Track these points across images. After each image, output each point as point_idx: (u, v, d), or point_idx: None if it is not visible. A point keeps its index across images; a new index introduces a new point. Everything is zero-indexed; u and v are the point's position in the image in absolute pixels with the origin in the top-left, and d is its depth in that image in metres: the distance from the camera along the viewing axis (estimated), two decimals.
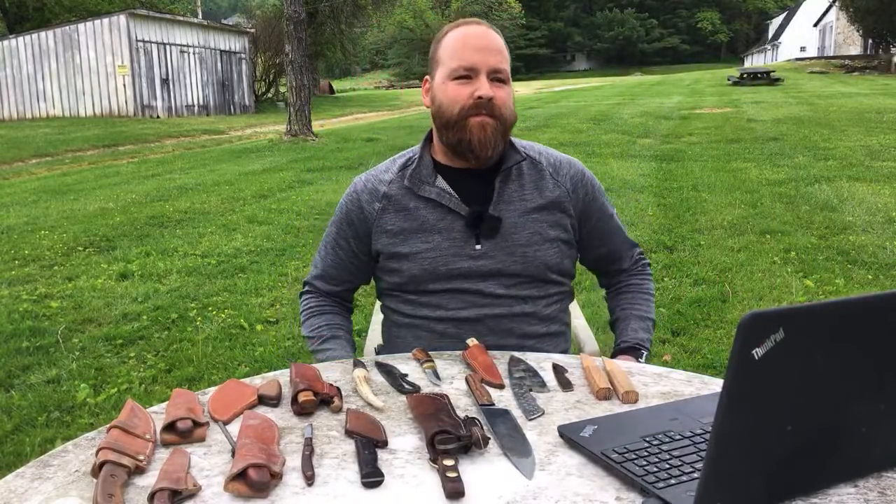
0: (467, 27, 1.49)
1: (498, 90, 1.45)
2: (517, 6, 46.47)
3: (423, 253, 1.50)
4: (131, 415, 1.07)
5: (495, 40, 1.48)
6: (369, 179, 1.58)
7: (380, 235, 1.54)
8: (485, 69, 1.44)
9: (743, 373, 0.75)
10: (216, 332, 3.81)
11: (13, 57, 20.53)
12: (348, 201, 1.59)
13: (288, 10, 13.41)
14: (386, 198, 1.54)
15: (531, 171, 1.55)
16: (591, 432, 1.03)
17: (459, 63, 1.45)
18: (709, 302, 3.99)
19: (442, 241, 1.50)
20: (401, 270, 1.53)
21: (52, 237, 6.08)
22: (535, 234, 1.51)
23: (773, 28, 56.54)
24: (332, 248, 1.63)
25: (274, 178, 9.15)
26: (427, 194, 1.51)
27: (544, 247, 1.52)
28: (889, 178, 7.38)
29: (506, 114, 1.46)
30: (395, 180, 1.55)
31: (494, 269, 1.50)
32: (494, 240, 1.49)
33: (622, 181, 7.71)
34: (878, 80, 22.36)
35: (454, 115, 1.45)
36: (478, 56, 1.45)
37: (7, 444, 2.72)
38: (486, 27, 1.50)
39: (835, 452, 0.88)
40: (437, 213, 1.51)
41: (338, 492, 0.93)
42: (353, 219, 1.57)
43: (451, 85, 1.46)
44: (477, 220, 1.49)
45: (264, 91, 27.34)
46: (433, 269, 1.50)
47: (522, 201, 1.52)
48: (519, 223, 1.51)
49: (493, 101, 1.44)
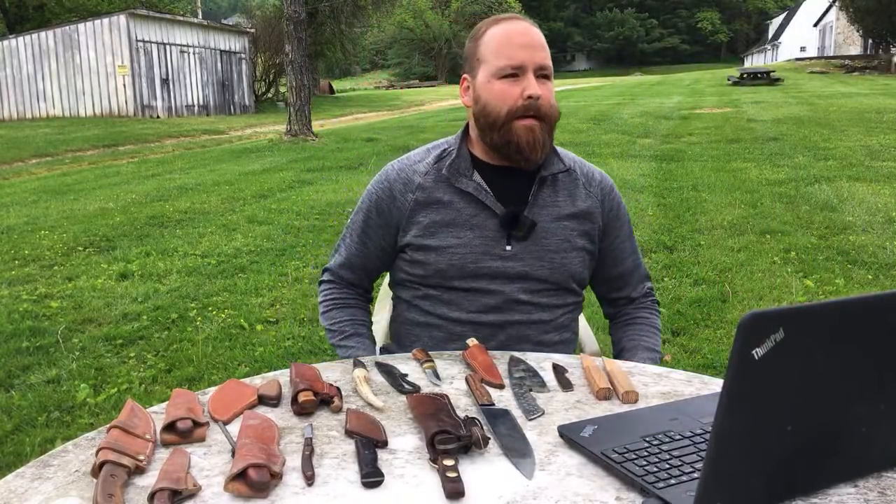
0: (509, 23, 1.46)
1: (543, 88, 1.43)
2: (517, 6, 46.45)
3: (454, 248, 1.48)
4: (131, 415, 1.07)
5: (539, 36, 1.46)
6: (403, 169, 1.54)
7: (411, 227, 1.51)
8: (532, 66, 1.42)
9: (743, 373, 0.75)
10: (216, 332, 3.81)
11: (13, 57, 20.53)
12: (379, 189, 1.55)
13: (288, 10, 13.41)
14: (420, 189, 1.51)
15: (565, 178, 1.54)
16: (591, 432, 1.03)
17: (507, 62, 1.42)
18: (709, 302, 3.99)
19: (474, 237, 1.48)
20: (427, 263, 1.50)
21: (52, 237, 6.08)
22: (565, 240, 1.51)
23: (773, 28, 56.54)
24: (358, 238, 1.59)
25: (274, 178, 9.15)
26: (464, 187, 1.48)
27: (571, 255, 1.51)
28: (889, 178, 7.38)
29: (551, 112, 1.45)
30: (430, 171, 1.52)
31: (522, 272, 1.48)
32: (525, 243, 1.48)
33: (622, 181, 7.71)
34: (878, 80, 22.36)
35: (501, 117, 1.43)
36: (525, 53, 1.42)
37: (7, 444, 2.72)
38: (528, 23, 1.47)
39: (835, 452, 0.88)
40: (472, 209, 1.49)
41: (338, 492, 0.93)
42: (384, 208, 1.53)
43: (498, 84, 1.43)
44: (512, 220, 1.47)
45: (264, 91, 27.34)
46: (461, 264, 1.48)
47: (555, 207, 1.51)
48: (550, 228, 1.50)
49: (540, 100, 1.42)
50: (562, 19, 78.68)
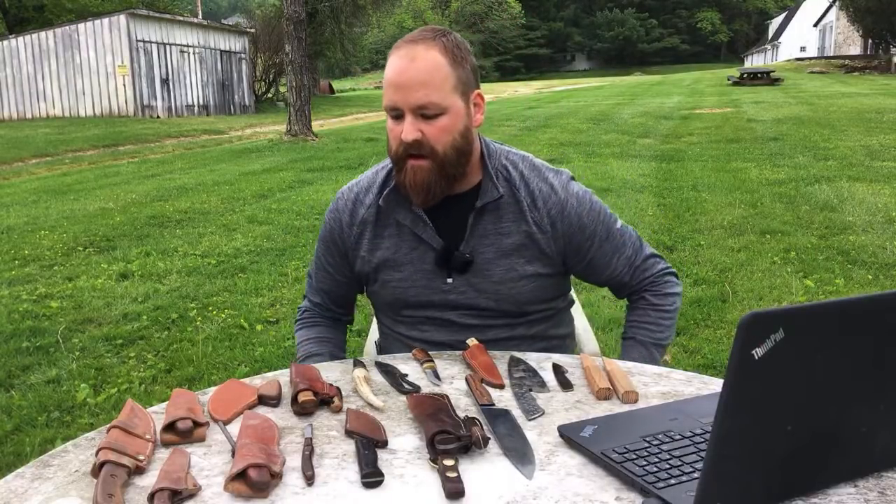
0: (396, 54, 1.35)
1: (428, 126, 1.33)
2: (517, 6, 46.48)
3: (395, 282, 1.47)
4: (131, 415, 1.07)
5: (421, 70, 1.31)
6: (349, 199, 1.52)
7: (356, 260, 1.52)
8: (407, 109, 1.33)
9: (743, 373, 0.75)
10: (216, 332, 3.81)
11: (13, 57, 20.53)
12: (331, 219, 1.54)
13: (288, 10, 13.41)
14: (363, 223, 1.49)
15: (510, 200, 1.44)
16: (591, 432, 1.03)
17: (385, 101, 1.36)
18: (709, 302, 3.99)
19: (414, 271, 1.46)
20: (377, 293, 1.53)
21: (52, 237, 6.08)
22: (510, 270, 1.44)
23: (773, 28, 56.53)
24: (322, 266, 1.60)
25: (274, 178, 9.15)
26: (402, 220, 1.45)
27: (519, 284, 1.44)
28: (889, 178, 7.38)
29: (442, 150, 1.34)
30: (373, 203, 1.49)
31: (465, 304, 1.46)
32: (466, 275, 1.44)
33: (622, 181, 7.71)
34: (878, 80, 22.36)
35: (393, 156, 1.40)
36: (398, 95, 1.33)
37: (7, 444, 2.72)
38: (414, 49, 1.33)
39: (835, 452, 0.88)
40: (410, 242, 1.46)
41: (338, 492, 0.93)
42: (336, 238, 1.54)
43: (388, 122, 1.38)
44: (447, 257, 1.43)
45: (264, 91, 27.34)
46: (405, 298, 1.48)
47: (498, 236, 1.43)
48: (492, 260, 1.43)
49: (422, 140, 1.33)
50: (562, 19, 78.69)
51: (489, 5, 46.23)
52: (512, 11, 51.72)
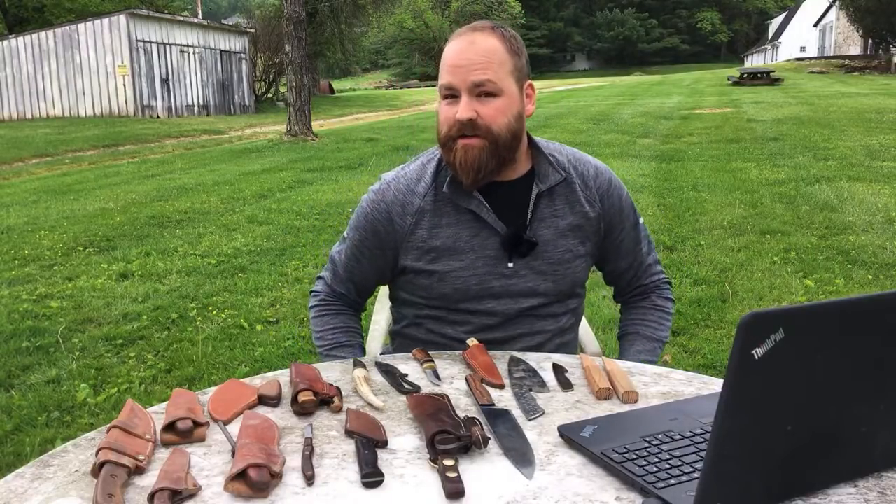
0: (456, 40, 1.40)
1: (483, 106, 1.35)
2: (517, 6, 46.47)
3: (456, 272, 1.44)
4: (131, 415, 1.07)
5: (480, 51, 1.36)
6: (400, 189, 1.47)
7: (410, 251, 1.46)
8: (464, 87, 1.35)
9: (743, 373, 0.75)
10: (216, 332, 3.81)
11: (13, 57, 20.53)
12: (376, 210, 1.48)
13: (288, 10, 13.41)
14: (420, 212, 1.45)
15: (562, 186, 1.48)
16: (591, 432, 1.03)
17: (442, 82, 1.38)
18: (709, 302, 3.99)
19: (476, 258, 1.44)
20: (430, 287, 1.47)
21: (52, 237, 6.08)
22: (567, 251, 1.47)
23: (773, 28, 56.53)
24: (353, 256, 1.54)
25: (274, 178, 9.16)
26: (466, 205, 1.44)
27: (575, 263, 1.48)
28: (889, 178, 7.38)
29: (497, 130, 1.36)
30: (429, 192, 1.46)
31: (526, 289, 1.46)
32: (527, 259, 1.45)
33: (622, 181, 7.70)
34: (878, 80, 22.36)
35: (442, 138, 1.40)
36: (456, 74, 1.36)
37: (7, 444, 2.72)
38: (474, 35, 1.38)
39: (835, 452, 0.88)
40: (472, 228, 1.44)
41: (338, 492, 0.93)
42: (380, 230, 1.47)
43: (443, 104, 1.40)
44: (514, 241, 1.43)
45: (264, 91, 27.34)
46: (465, 288, 1.45)
47: (555, 218, 1.47)
48: (552, 242, 1.46)
49: (477, 120, 1.35)
50: (562, 19, 78.71)
51: (489, 5, 46.22)
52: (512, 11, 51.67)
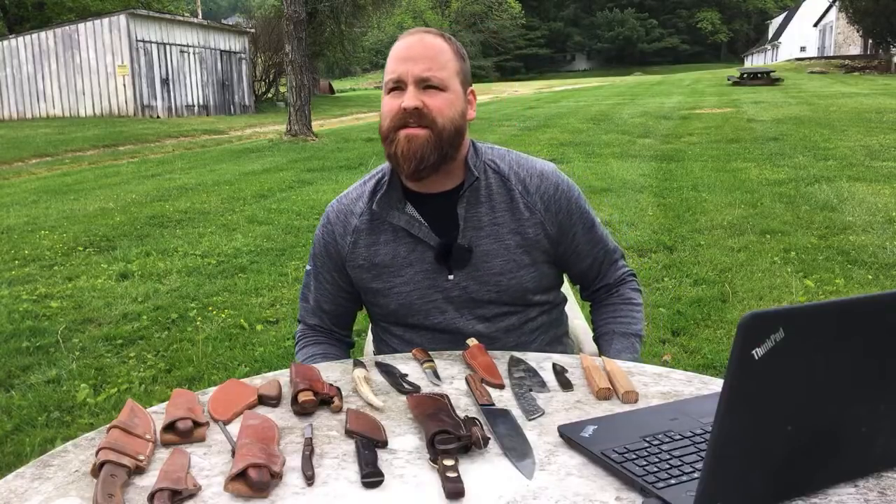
0: (408, 36, 1.42)
1: (430, 98, 1.37)
2: (517, 6, 46.50)
3: (398, 287, 1.46)
4: (131, 415, 1.07)
5: (428, 48, 1.39)
6: (341, 210, 1.52)
7: (353, 270, 1.50)
8: (411, 79, 1.36)
9: (743, 373, 0.75)
10: (216, 332, 3.81)
11: (13, 57, 20.53)
12: (324, 233, 1.53)
13: (288, 10, 13.41)
14: (356, 232, 1.49)
15: (501, 190, 1.46)
16: (591, 432, 1.03)
17: (388, 76, 1.40)
18: (709, 302, 3.99)
19: (415, 273, 1.45)
20: (379, 304, 1.51)
21: (52, 237, 6.08)
22: (510, 261, 1.45)
23: (773, 28, 56.54)
24: (317, 283, 1.57)
25: (274, 178, 9.16)
26: (397, 221, 1.45)
27: (520, 273, 1.46)
28: (889, 178, 7.38)
29: (441, 122, 1.37)
30: (364, 211, 1.49)
31: (468, 299, 1.45)
32: (467, 269, 1.44)
33: (622, 181, 7.71)
34: (878, 80, 22.36)
35: (384, 131, 1.40)
36: (403, 66, 1.37)
37: (7, 444, 2.72)
38: (423, 34, 1.41)
39: (835, 452, 0.88)
40: (408, 244, 1.45)
41: (338, 492, 0.93)
42: (332, 251, 1.52)
43: (386, 99, 1.41)
44: (446, 251, 1.43)
45: (264, 91, 27.34)
46: (409, 303, 1.46)
47: (494, 226, 1.45)
48: (492, 250, 1.44)
49: (423, 110, 1.35)
50: (562, 19, 78.71)
51: (489, 5, 46.26)
52: (512, 11, 51.70)
